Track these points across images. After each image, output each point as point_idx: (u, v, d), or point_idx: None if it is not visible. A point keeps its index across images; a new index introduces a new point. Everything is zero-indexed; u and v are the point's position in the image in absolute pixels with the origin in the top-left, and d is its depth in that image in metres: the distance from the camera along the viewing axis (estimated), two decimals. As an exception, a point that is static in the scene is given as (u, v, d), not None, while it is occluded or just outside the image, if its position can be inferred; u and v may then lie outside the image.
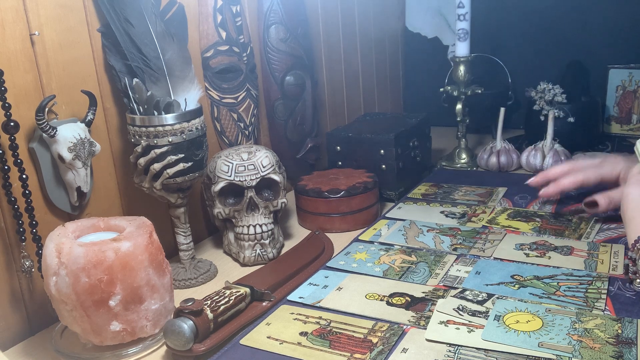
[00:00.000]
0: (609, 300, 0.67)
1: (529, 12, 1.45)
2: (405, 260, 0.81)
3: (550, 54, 1.44)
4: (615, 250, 0.79)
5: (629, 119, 1.33)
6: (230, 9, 0.96)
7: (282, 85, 1.09)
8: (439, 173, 1.21)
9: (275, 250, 0.87)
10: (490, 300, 0.69)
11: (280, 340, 0.64)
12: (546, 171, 0.94)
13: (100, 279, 0.60)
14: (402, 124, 1.13)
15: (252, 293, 0.72)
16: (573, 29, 1.41)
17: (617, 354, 0.57)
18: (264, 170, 0.86)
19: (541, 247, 0.82)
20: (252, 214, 0.86)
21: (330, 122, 1.31)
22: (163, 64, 0.76)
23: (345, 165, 1.10)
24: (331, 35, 1.30)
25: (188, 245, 0.83)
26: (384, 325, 0.66)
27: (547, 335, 0.61)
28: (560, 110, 1.21)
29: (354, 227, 0.96)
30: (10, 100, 0.65)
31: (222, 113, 0.98)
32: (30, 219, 0.68)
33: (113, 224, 0.67)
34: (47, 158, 0.71)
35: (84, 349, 0.66)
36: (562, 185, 0.90)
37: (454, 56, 1.20)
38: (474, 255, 0.81)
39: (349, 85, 1.38)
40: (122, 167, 0.82)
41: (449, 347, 0.61)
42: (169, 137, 0.74)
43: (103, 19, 0.76)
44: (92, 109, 0.74)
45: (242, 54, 0.99)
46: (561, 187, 0.91)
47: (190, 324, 0.62)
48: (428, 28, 1.59)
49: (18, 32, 0.67)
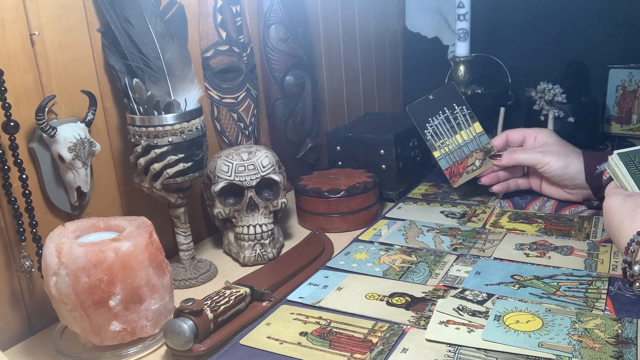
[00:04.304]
0: (609, 300, 0.67)
1: (529, 12, 1.45)
2: (405, 260, 0.81)
3: (550, 54, 1.44)
4: (615, 251, 0.79)
5: (629, 119, 1.33)
6: (230, 9, 0.96)
7: (282, 85, 1.09)
8: (439, 173, 1.21)
9: (275, 250, 0.87)
10: (490, 300, 0.69)
11: (280, 340, 0.64)
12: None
13: (100, 279, 0.60)
14: (402, 124, 1.13)
15: (252, 293, 0.72)
16: (573, 29, 1.41)
17: (617, 354, 0.57)
18: (264, 170, 0.86)
19: (541, 247, 0.82)
20: (252, 214, 0.86)
21: (330, 122, 1.31)
22: (163, 64, 0.76)
23: (345, 165, 1.10)
24: (331, 35, 1.30)
25: (188, 245, 0.83)
26: (384, 325, 0.66)
27: (547, 335, 0.61)
28: (560, 110, 1.21)
29: (354, 227, 0.96)
30: (10, 100, 0.65)
31: (222, 113, 0.98)
32: (30, 219, 0.68)
33: (113, 224, 0.67)
34: (47, 158, 0.71)
35: (84, 349, 0.66)
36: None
37: (454, 56, 1.20)
38: (474, 255, 0.81)
39: (349, 85, 1.38)
40: (122, 167, 0.82)
41: (449, 347, 0.61)
42: (169, 137, 0.74)
43: (103, 19, 0.76)
44: (92, 109, 0.74)
45: (242, 54, 0.99)
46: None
47: (190, 324, 0.62)
48: (428, 28, 1.59)
49: (18, 32, 0.67)
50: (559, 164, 0.93)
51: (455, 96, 0.94)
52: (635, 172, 0.77)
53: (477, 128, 0.93)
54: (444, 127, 0.90)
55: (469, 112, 0.92)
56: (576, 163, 0.93)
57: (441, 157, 0.91)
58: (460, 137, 0.92)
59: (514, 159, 0.96)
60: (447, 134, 0.91)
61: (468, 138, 0.92)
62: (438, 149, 0.90)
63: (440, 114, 0.91)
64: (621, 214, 0.69)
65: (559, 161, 0.93)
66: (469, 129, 0.92)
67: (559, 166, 0.93)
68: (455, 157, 0.90)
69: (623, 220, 0.68)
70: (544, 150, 0.94)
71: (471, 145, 0.91)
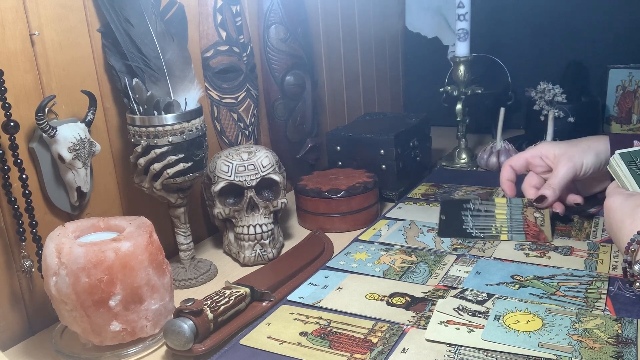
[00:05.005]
0: (609, 300, 0.67)
1: (529, 12, 1.45)
2: (405, 260, 0.81)
3: (550, 54, 1.44)
4: (615, 251, 0.79)
5: (629, 119, 1.33)
6: (230, 9, 0.96)
7: (282, 85, 1.09)
8: (439, 173, 1.21)
9: (275, 250, 0.87)
10: (490, 300, 0.69)
11: (280, 340, 0.64)
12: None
13: (100, 279, 0.60)
14: (402, 124, 1.13)
15: (252, 293, 0.72)
16: (573, 29, 1.41)
17: (617, 354, 0.57)
18: (264, 170, 0.86)
19: (541, 247, 0.82)
20: (252, 214, 0.86)
21: (330, 122, 1.31)
22: (163, 64, 0.76)
23: (345, 165, 1.10)
24: (331, 35, 1.30)
25: (188, 245, 0.83)
26: (384, 325, 0.66)
27: (547, 335, 0.61)
28: (560, 110, 1.21)
29: (354, 227, 0.96)
30: (10, 100, 0.65)
31: (222, 113, 0.98)
32: (30, 219, 0.68)
33: (113, 224, 0.67)
34: (47, 158, 0.71)
35: (84, 349, 0.66)
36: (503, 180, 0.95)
37: (454, 56, 1.20)
38: (474, 255, 0.81)
39: (349, 85, 1.38)
40: (122, 167, 0.82)
41: (449, 347, 0.61)
42: (169, 137, 0.74)
43: (103, 19, 0.76)
44: (92, 109, 0.74)
45: (242, 54, 0.99)
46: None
47: (190, 324, 0.62)
48: (428, 28, 1.59)
49: (18, 32, 0.67)
50: (590, 157, 0.88)
51: (459, 202, 0.93)
52: (636, 171, 0.77)
53: (501, 200, 0.92)
54: (479, 221, 0.89)
55: (482, 200, 0.90)
56: (599, 146, 0.89)
57: (511, 237, 0.87)
58: (500, 214, 0.90)
59: (556, 188, 0.88)
60: (488, 221, 0.89)
61: (507, 208, 0.90)
62: (501, 235, 0.88)
63: (466, 216, 0.90)
64: (622, 214, 0.69)
65: (587, 155, 0.88)
66: (496, 205, 0.91)
67: (591, 159, 0.88)
68: (519, 226, 0.88)
69: (624, 219, 0.68)
70: (566, 157, 0.88)
71: (516, 210, 0.89)
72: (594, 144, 0.89)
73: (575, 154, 0.88)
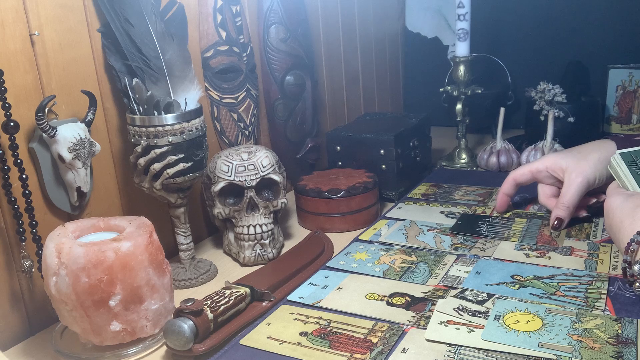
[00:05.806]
0: (609, 300, 0.67)
1: (529, 12, 1.45)
2: (405, 260, 0.81)
3: (550, 54, 1.44)
4: (615, 251, 0.79)
5: (629, 119, 1.33)
6: (230, 9, 0.96)
7: (282, 85, 1.09)
8: (439, 173, 1.21)
9: (275, 250, 0.87)
10: (490, 300, 0.69)
11: (280, 340, 0.64)
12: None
13: (100, 279, 0.60)
14: (402, 124, 1.13)
15: (252, 293, 0.72)
16: (573, 29, 1.41)
17: (617, 354, 0.57)
18: (264, 170, 0.86)
19: (541, 247, 0.82)
20: (252, 214, 0.86)
21: (330, 122, 1.31)
22: (163, 64, 0.76)
23: (345, 165, 1.10)
24: (331, 35, 1.30)
25: (188, 245, 0.83)
26: (384, 325, 0.66)
27: (547, 335, 0.61)
28: (560, 110, 1.21)
29: (354, 227, 0.96)
30: (10, 100, 0.65)
31: (222, 113, 0.98)
32: (30, 219, 0.68)
33: (113, 224, 0.67)
34: (47, 158, 0.71)
35: (84, 349, 0.66)
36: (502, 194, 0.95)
37: (454, 56, 1.20)
38: (474, 255, 0.81)
39: (349, 85, 1.38)
40: (122, 167, 0.82)
41: (449, 347, 0.61)
42: (169, 137, 0.74)
43: (103, 19, 0.76)
44: (92, 109, 0.74)
45: (242, 54, 0.99)
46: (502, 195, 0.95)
47: (190, 324, 0.62)
48: (428, 28, 1.59)
49: (18, 32, 0.67)
50: (602, 170, 0.85)
51: (478, 216, 0.93)
52: (636, 171, 0.77)
53: (521, 219, 0.91)
54: (495, 229, 0.88)
55: (494, 233, 0.88)
56: (608, 156, 0.85)
57: (522, 242, 0.86)
58: (517, 226, 0.89)
59: (570, 206, 0.86)
60: (503, 230, 0.88)
61: (524, 224, 0.89)
62: (512, 238, 0.87)
63: (482, 224, 0.89)
64: (622, 214, 0.69)
65: (599, 168, 0.85)
66: (515, 222, 0.91)
67: (603, 172, 0.85)
68: (532, 236, 0.87)
69: (623, 219, 0.68)
70: (577, 172, 0.86)
71: (533, 227, 0.89)
72: (603, 155, 0.85)
73: (587, 168, 0.85)
